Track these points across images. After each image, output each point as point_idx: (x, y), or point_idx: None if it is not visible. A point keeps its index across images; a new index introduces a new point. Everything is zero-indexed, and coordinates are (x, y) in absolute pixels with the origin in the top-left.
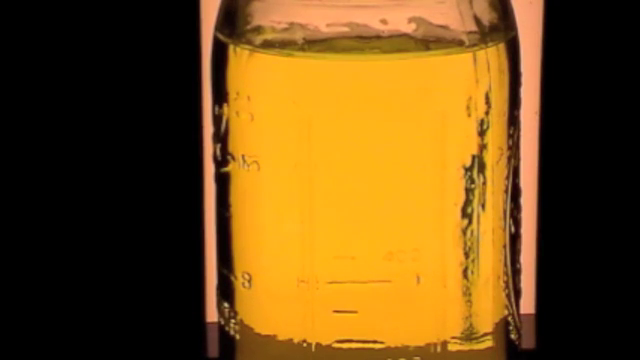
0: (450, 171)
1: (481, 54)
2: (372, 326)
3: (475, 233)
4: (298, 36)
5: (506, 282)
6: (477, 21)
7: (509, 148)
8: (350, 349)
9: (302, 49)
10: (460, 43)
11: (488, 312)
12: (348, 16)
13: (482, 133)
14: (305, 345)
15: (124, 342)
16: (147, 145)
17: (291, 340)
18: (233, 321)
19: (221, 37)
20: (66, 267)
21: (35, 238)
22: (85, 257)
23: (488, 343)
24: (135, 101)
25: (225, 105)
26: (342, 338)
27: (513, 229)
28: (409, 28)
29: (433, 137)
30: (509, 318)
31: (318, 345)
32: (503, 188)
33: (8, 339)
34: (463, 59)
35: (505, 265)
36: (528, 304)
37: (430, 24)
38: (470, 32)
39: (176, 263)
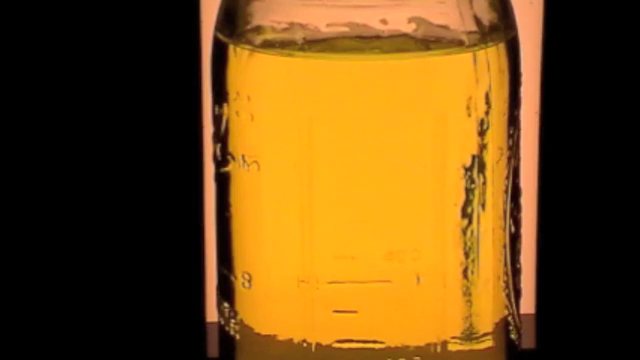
0: (450, 171)
1: (481, 54)
2: (372, 326)
3: (475, 233)
4: (298, 36)
5: (506, 282)
6: (477, 21)
7: (509, 148)
8: (350, 349)
9: (302, 49)
10: (460, 43)
11: (488, 312)
12: (348, 16)
13: (482, 133)
14: (305, 345)
15: (124, 342)
16: (147, 145)
17: (291, 340)
18: (233, 321)
19: (221, 37)
20: (66, 267)
21: (35, 238)
22: (85, 257)
23: (488, 343)
24: (135, 101)
25: (225, 105)
26: (342, 338)
27: (513, 229)
28: (409, 28)
29: (433, 137)
30: (509, 318)
31: (318, 345)
32: (503, 188)
33: (8, 339)
34: (463, 59)
35: (505, 265)
36: (528, 304)
37: (430, 24)
38: (470, 32)
39: (176, 263)
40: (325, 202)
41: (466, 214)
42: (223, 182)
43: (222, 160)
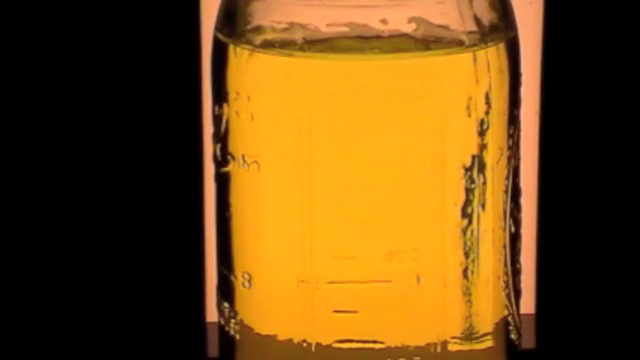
0: (450, 171)
1: (481, 54)
2: (372, 326)
3: (475, 233)
4: (298, 36)
5: (506, 282)
6: (477, 21)
7: (509, 148)
8: (350, 349)
9: (302, 49)
10: (460, 43)
11: (488, 312)
12: (348, 16)
13: (482, 133)
14: (305, 345)
15: (125, 342)
16: (147, 145)
17: (291, 340)
18: (233, 321)
19: (221, 37)
20: (66, 267)
21: (35, 238)
22: (85, 257)
23: (488, 343)
24: (135, 101)
25: (225, 105)
26: (342, 338)
27: (513, 229)
28: (409, 28)
29: (433, 137)
30: (509, 318)
31: (318, 345)
32: (503, 188)
33: (8, 339)
34: (463, 59)
35: (505, 265)
36: (528, 304)
37: (430, 24)
38: (470, 32)
39: (176, 263)
40: (325, 202)
41: (466, 214)
42: (223, 182)
43: (222, 160)
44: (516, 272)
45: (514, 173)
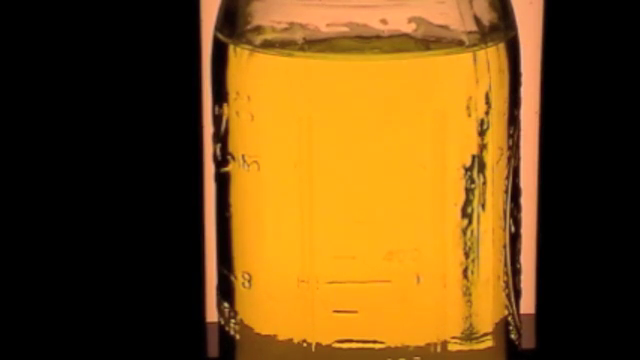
0: (450, 171)
1: (481, 54)
2: (372, 326)
3: (475, 233)
4: (298, 36)
5: (506, 282)
6: (477, 21)
7: (509, 148)
8: (350, 349)
9: (302, 49)
10: (460, 43)
11: (488, 312)
12: (348, 16)
13: (482, 133)
14: (305, 345)
15: (125, 342)
16: (147, 145)
17: (291, 340)
18: (233, 321)
19: (221, 37)
20: (66, 267)
21: (35, 238)
22: (85, 257)
23: (488, 343)
24: (135, 101)
25: (225, 105)
26: (342, 338)
27: (513, 229)
28: (409, 28)
29: (433, 137)
30: (509, 318)
31: (318, 345)
32: (503, 188)
33: (8, 339)
34: (463, 59)
35: (505, 265)
36: (528, 304)
37: (430, 24)
38: (470, 32)
39: (176, 263)
40: (325, 202)
41: (466, 214)
42: (223, 182)
43: (222, 160)
44: (516, 272)
45: (514, 173)
